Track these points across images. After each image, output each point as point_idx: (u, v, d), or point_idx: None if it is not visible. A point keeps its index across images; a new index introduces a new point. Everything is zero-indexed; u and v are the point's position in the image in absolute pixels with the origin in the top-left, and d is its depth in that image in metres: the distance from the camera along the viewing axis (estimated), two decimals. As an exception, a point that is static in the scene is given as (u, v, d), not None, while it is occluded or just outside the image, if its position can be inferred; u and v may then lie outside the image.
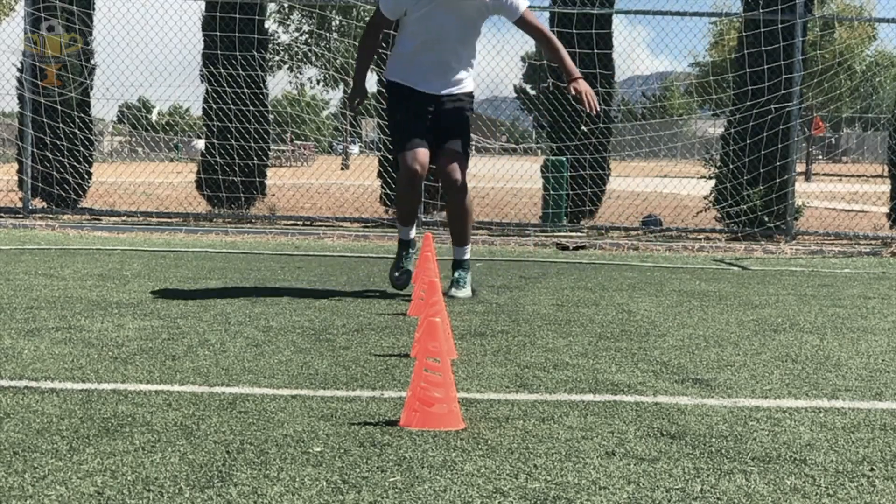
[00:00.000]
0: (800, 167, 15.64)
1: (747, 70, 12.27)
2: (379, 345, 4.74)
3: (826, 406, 3.75)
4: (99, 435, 3.12)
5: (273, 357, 4.37)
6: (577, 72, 6.19)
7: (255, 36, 12.88)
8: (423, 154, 6.21)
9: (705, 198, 12.89)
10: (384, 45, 10.63)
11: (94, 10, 13.08)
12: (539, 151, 18.65)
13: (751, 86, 12.22)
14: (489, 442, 3.16)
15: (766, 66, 12.12)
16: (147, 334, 4.82)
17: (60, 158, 12.62)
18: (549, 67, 12.89)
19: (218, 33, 12.80)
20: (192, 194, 13.88)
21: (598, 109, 6.24)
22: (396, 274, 6.45)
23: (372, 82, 13.37)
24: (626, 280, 7.63)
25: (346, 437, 3.17)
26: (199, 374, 4.01)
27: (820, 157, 42.55)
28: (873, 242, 11.98)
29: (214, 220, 12.66)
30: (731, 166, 12.33)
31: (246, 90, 12.80)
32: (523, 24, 6.28)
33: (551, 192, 12.63)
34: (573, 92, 6.12)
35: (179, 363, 4.19)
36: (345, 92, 39.71)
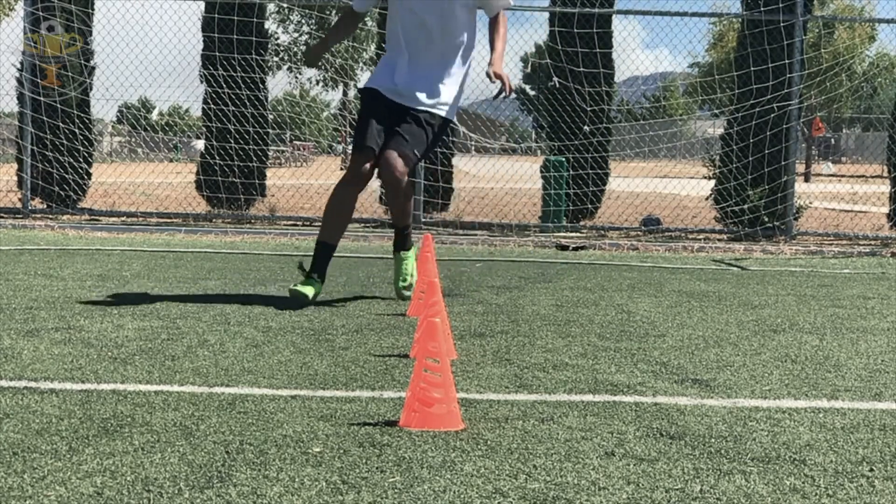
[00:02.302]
0: (799, 167, 15.65)
1: (747, 70, 12.27)
2: (378, 345, 4.73)
3: (825, 406, 3.75)
4: (98, 435, 3.12)
5: (272, 357, 4.37)
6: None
7: (254, 38, 12.88)
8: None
9: (707, 199, 12.89)
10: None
11: (93, 10, 13.08)
12: (539, 151, 18.64)
13: (751, 86, 12.22)
14: (489, 442, 3.16)
15: (766, 66, 12.13)
16: (146, 335, 4.81)
17: (60, 158, 12.62)
18: (553, 67, 12.89)
19: (216, 35, 12.79)
20: (191, 195, 13.87)
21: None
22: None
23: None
24: (625, 280, 7.63)
25: (346, 437, 3.17)
26: (199, 374, 4.01)
27: (817, 155, 42.55)
28: (873, 243, 11.98)
29: (214, 220, 12.65)
30: (731, 166, 12.34)
31: (246, 91, 12.80)
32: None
33: (551, 192, 12.63)
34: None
35: (179, 363, 4.19)
36: (344, 93, 39.67)
